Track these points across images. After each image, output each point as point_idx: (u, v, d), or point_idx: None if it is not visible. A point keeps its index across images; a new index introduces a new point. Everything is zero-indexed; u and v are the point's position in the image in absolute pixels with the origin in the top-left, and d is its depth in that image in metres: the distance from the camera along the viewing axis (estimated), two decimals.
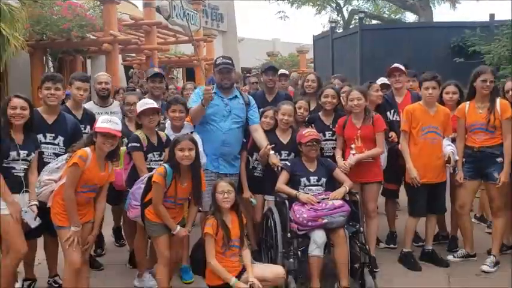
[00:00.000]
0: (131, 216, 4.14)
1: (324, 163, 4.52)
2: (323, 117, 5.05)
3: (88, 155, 3.60)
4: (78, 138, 4.00)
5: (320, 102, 5.04)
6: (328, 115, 5.03)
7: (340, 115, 4.94)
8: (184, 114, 4.55)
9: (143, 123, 4.26)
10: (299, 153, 4.54)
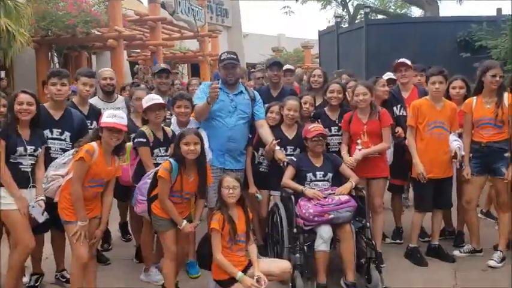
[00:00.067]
0: (138, 211, 4.15)
1: (330, 158, 4.51)
2: (329, 112, 5.04)
3: (95, 150, 3.61)
4: (84, 133, 4.01)
5: (326, 97, 5.03)
6: (334, 110, 5.01)
7: (346, 110, 4.93)
8: (189, 109, 4.56)
9: (149, 118, 4.26)
10: (305, 148, 4.53)
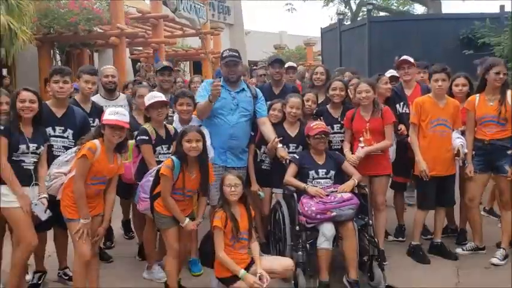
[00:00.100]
0: (141, 209, 4.15)
1: (333, 156, 4.51)
2: (331, 110, 5.03)
3: (97, 147, 3.61)
4: (87, 131, 4.01)
5: (328, 95, 5.02)
6: (336, 108, 5.00)
7: (348, 108, 4.92)
8: (191, 107, 4.54)
9: (151, 116, 4.26)
10: (307, 146, 4.53)
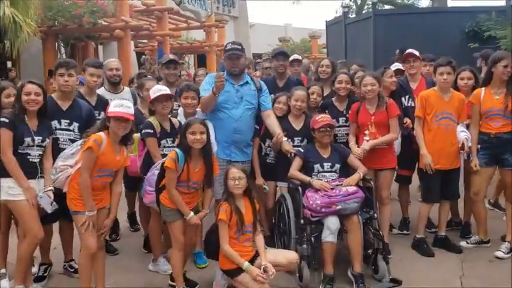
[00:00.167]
0: (146, 202, 4.17)
1: (338, 149, 4.50)
2: (336, 103, 5.02)
3: (103, 139, 3.61)
4: (92, 124, 4.01)
5: (334, 88, 5.01)
6: (341, 101, 4.99)
7: (353, 101, 4.90)
8: (196, 101, 4.53)
9: (156, 109, 4.26)
10: (312, 139, 4.52)
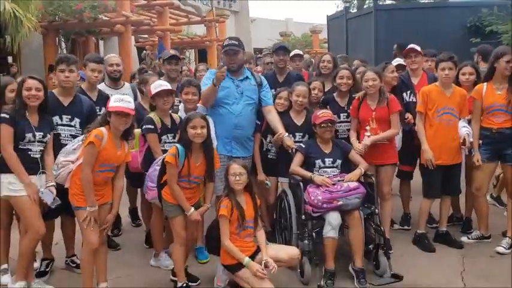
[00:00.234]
0: (148, 198, 4.17)
1: (339, 145, 4.49)
2: (338, 98, 5.01)
3: (104, 134, 3.60)
4: (93, 120, 3.99)
5: (335, 83, 4.99)
6: (343, 96, 4.98)
7: (355, 96, 4.89)
8: (197, 97, 4.52)
9: (157, 105, 4.25)
10: (314, 135, 4.51)
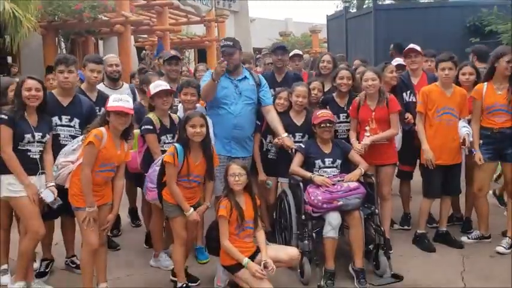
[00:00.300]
0: (148, 198, 4.17)
1: (339, 145, 4.49)
2: (337, 98, 5.00)
3: (103, 134, 3.60)
4: (93, 120, 3.97)
5: (335, 83, 4.99)
6: (342, 97, 4.97)
7: (354, 97, 4.89)
8: (196, 97, 4.52)
9: (156, 105, 4.25)
10: (314, 135, 4.51)
